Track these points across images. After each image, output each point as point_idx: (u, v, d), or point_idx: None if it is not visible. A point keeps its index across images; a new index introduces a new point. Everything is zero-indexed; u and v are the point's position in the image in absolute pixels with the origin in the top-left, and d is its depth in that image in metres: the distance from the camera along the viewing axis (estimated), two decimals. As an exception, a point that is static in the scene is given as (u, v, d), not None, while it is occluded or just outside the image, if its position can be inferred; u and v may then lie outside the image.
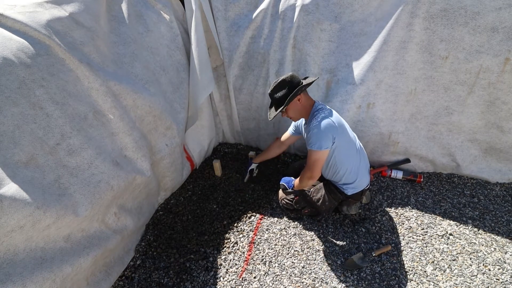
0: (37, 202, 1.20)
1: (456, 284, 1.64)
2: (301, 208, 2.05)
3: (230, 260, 1.86)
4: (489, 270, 1.70)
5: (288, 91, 1.73)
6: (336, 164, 1.83)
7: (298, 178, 1.94)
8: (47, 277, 1.25)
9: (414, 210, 2.12)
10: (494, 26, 1.81)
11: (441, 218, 2.04)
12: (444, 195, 2.24)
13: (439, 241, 1.88)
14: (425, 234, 1.93)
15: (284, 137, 2.22)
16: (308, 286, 1.69)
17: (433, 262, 1.76)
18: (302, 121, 2.02)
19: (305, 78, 1.82)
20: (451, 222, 2.01)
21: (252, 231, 2.05)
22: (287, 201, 2.08)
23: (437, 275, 1.69)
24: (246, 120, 2.75)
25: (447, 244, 1.86)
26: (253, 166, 2.44)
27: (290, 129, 2.16)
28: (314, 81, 1.76)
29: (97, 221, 1.57)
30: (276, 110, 1.78)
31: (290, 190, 2.06)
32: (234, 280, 1.75)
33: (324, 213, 2.08)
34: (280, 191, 2.17)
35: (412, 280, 1.67)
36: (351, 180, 1.88)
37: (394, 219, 2.06)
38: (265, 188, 2.42)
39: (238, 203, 2.29)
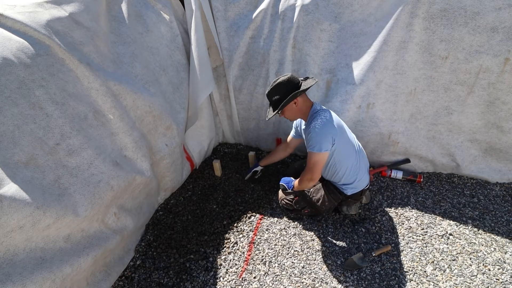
0: (37, 202, 1.20)
1: (456, 284, 1.64)
2: (301, 208, 2.04)
3: (230, 260, 1.86)
4: (489, 270, 1.70)
5: (283, 96, 1.72)
6: (335, 165, 1.83)
7: (298, 180, 1.94)
8: (47, 277, 1.25)
9: (414, 210, 2.12)
10: (494, 26, 1.81)
11: (441, 218, 2.04)
12: (444, 195, 2.24)
13: (439, 241, 1.88)
14: (425, 234, 1.93)
15: (288, 139, 2.23)
16: (308, 286, 1.69)
17: (433, 262, 1.76)
18: (301, 122, 2.02)
19: (305, 79, 1.82)
20: (451, 222, 2.01)
21: (252, 231, 2.05)
22: (287, 201, 2.08)
23: (437, 275, 1.69)
24: (246, 120, 2.75)
25: (447, 244, 1.86)
26: (258, 168, 2.42)
27: (292, 132, 2.17)
28: (311, 86, 1.75)
29: (97, 221, 1.57)
30: (273, 112, 1.79)
31: (290, 190, 2.06)
32: (234, 280, 1.74)
33: (324, 213, 2.08)
34: (280, 191, 2.17)
35: (412, 280, 1.67)
36: (350, 180, 1.88)
37: (394, 219, 2.06)
38: (265, 188, 2.42)
39: (238, 203, 2.29)
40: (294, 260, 1.83)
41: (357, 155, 1.88)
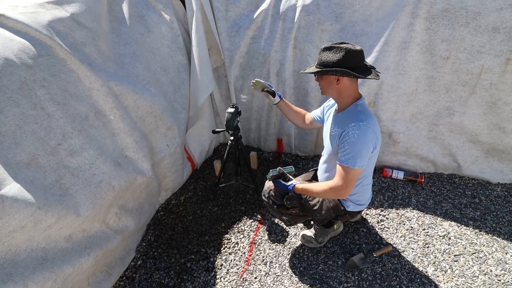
0: (39, 202, 1.20)
1: (458, 285, 1.63)
2: (290, 206, 1.71)
3: (231, 261, 1.86)
4: (491, 271, 1.69)
5: (333, 64, 1.37)
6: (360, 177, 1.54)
7: (320, 186, 1.53)
8: (48, 277, 1.25)
9: (415, 210, 2.12)
10: (495, 26, 1.81)
11: (442, 219, 2.04)
12: (445, 195, 2.23)
13: (440, 241, 1.88)
14: (426, 235, 1.93)
15: (311, 117, 1.86)
16: (309, 286, 1.68)
17: (434, 263, 1.76)
18: (332, 107, 1.69)
19: (371, 67, 1.47)
20: (452, 222, 2.00)
21: (253, 232, 2.05)
22: (278, 193, 1.76)
23: (438, 276, 1.68)
24: (247, 121, 2.75)
25: (448, 245, 1.85)
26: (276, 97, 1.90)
27: (317, 113, 1.83)
28: (367, 78, 1.40)
29: (98, 221, 1.57)
30: (314, 69, 1.44)
31: (289, 192, 1.68)
32: (235, 281, 1.74)
33: (317, 222, 1.77)
34: (270, 182, 1.80)
35: (413, 280, 1.67)
36: (361, 197, 1.64)
37: (395, 220, 2.05)
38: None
39: (239, 204, 2.29)
40: (295, 260, 1.83)
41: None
